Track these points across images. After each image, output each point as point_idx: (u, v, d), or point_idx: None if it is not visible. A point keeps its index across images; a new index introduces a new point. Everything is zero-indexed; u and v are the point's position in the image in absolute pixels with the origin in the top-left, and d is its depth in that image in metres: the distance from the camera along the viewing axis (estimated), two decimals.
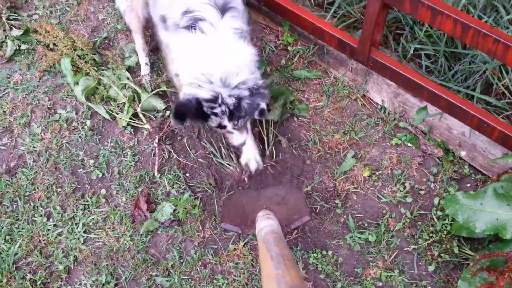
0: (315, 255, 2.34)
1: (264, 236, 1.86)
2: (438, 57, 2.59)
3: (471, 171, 2.43)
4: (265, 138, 2.55)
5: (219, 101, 1.93)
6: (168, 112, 2.69)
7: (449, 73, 2.58)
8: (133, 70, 2.88)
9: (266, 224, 1.97)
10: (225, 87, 1.93)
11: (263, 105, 1.98)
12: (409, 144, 2.53)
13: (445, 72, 2.60)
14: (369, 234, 2.36)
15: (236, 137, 2.19)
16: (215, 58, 1.96)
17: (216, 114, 1.97)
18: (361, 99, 2.68)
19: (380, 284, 2.28)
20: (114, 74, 2.82)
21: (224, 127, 2.06)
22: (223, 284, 2.31)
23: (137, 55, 2.88)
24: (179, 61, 2.12)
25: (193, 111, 1.93)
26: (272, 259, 1.60)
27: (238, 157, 2.51)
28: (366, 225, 2.39)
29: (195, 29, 2.01)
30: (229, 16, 2.05)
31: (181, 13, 2.06)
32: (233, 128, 2.08)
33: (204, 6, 2.03)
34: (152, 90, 2.73)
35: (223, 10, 2.05)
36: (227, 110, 1.96)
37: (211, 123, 2.05)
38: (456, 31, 1.98)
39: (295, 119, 2.68)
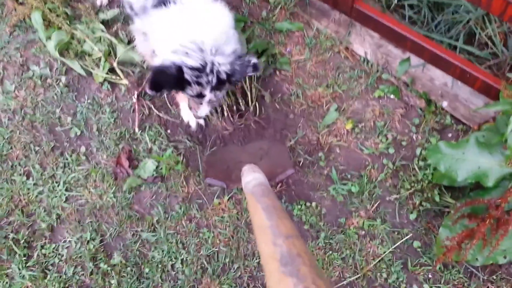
0: (299, 206, 2.37)
1: (252, 189, 1.83)
2: (421, 7, 2.56)
3: (452, 122, 2.45)
4: (249, 94, 2.51)
5: (208, 70, 1.82)
6: (146, 63, 2.60)
7: (432, 23, 2.56)
8: (108, 24, 2.77)
9: (252, 177, 1.95)
10: (219, 54, 1.83)
11: (254, 59, 1.90)
12: (392, 96, 2.53)
13: (428, 23, 2.57)
14: (352, 185, 2.38)
15: (204, 109, 2.05)
16: (200, 26, 1.84)
17: (200, 84, 1.85)
18: (344, 51, 2.65)
19: (363, 232, 2.33)
20: (88, 27, 2.71)
21: (202, 96, 1.93)
22: (209, 237, 2.33)
23: None
24: (156, 36, 1.98)
25: (172, 80, 1.80)
26: (264, 210, 1.55)
27: (222, 109, 2.47)
28: (349, 176, 2.42)
29: (168, 3, 1.88)
30: None
31: None
32: (209, 100, 1.97)
33: None
34: (129, 41, 2.63)
35: None
36: (213, 79, 1.85)
37: (189, 91, 1.91)
38: None
39: (278, 73, 2.63)
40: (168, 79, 1.80)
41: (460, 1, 2.46)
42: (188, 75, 1.82)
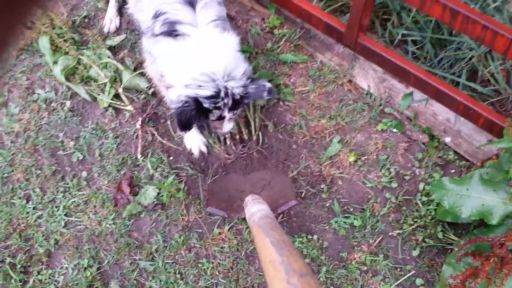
0: (301, 239, 2.34)
1: (258, 222, 1.79)
2: (425, 43, 2.59)
3: (455, 157, 2.45)
4: (252, 123, 2.52)
5: (222, 94, 1.93)
6: (151, 90, 2.61)
7: (435, 59, 2.59)
8: (115, 50, 2.80)
9: (257, 208, 1.93)
10: (230, 80, 1.93)
11: (268, 84, 2.01)
12: (395, 130, 2.54)
13: (431, 59, 2.61)
14: (354, 218, 2.36)
15: (227, 125, 2.17)
16: (210, 58, 1.93)
17: (218, 108, 1.97)
18: (347, 84, 2.67)
19: (365, 268, 2.29)
20: (95, 53, 2.73)
21: (223, 118, 2.05)
22: (208, 268, 2.29)
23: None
24: (167, 66, 2.07)
25: (194, 114, 1.91)
26: (273, 245, 1.49)
27: (225, 138, 2.48)
28: (351, 209, 2.40)
29: (177, 35, 1.96)
30: (202, 8, 1.99)
31: (151, 18, 2.01)
32: (230, 118, 2.09)
33: (173, 6, 1.96)
34: (135, 68, 2.66)
35: (192, 1, 1.98)
36: (230, 101, 1.96)
37: (210, 117, 2.04)
38: (445, 16, 1.98)
39: (281, 103, 2.65)
40: (192, 115, 1.90)
41: (463, 38, 2.49)
42: (206, 103, 1.93)
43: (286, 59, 2.75)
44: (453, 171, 2.43)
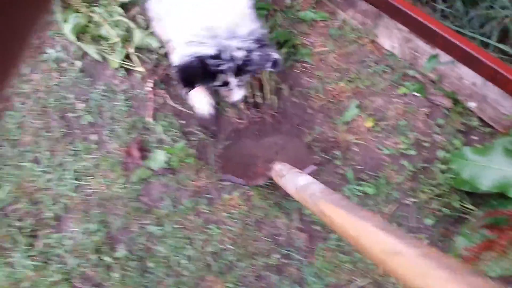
0: None
1: (325, 198, 1.39)
2: (455, 1, 2.40)
3: (479, 124, 2.30)
4: (267, 86, 2.41)
5: (226, 56, 1.75)
6: (163, 51, 2.52)
7: (465, 18, 2.40)
8: (127, 7, 2.70)
9: (307, 180, 1.64)
10: (233, 38, 1.74)
11: (275, 55, 1.81)
12: (417, 94, 2.39)
13: (461, 18, 2.41)
14: (368, 186, 2.27)
15: (237, 93, 1.99)
16: (214, 9, 1.76)
17: (222, 71, 1.79)
18: (369, 44, 2.51)
19: None
20: (106, 11, 2.64)
21: (228, 84, 1.88)
22: (216, 233, 2.27)
23: None
24: (169, 23, 1.91)
25: (199, 72, 1.75)
26: (386, 230, 1.11)
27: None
28: (365, 177, 2.30)
29: None
30: None
31: None
32: (237, 85, 1.92)
33: None
34: (147, 27, 2.56)
35: None
36: (235, 65, 1.78)
37: (216, 83, 1.87)
38: None
39: (298, 65, 2.52)
40: (195, 72, 1.75)
41: None
42: (210, 65, 1.76)
43: (305, 17, 2.59)
44: (475, 137, 2.29)
